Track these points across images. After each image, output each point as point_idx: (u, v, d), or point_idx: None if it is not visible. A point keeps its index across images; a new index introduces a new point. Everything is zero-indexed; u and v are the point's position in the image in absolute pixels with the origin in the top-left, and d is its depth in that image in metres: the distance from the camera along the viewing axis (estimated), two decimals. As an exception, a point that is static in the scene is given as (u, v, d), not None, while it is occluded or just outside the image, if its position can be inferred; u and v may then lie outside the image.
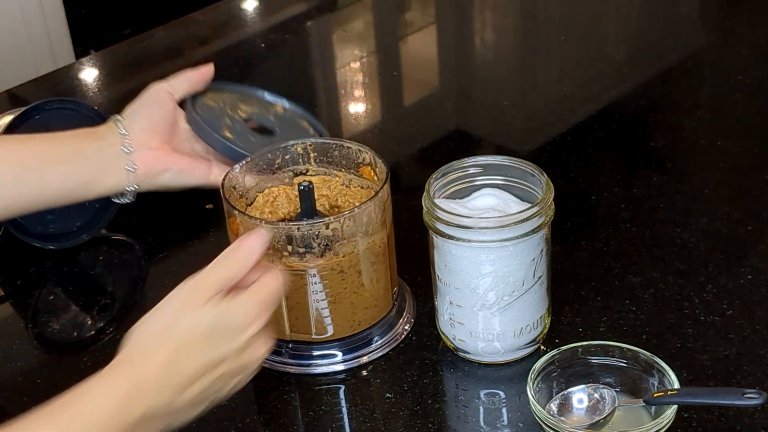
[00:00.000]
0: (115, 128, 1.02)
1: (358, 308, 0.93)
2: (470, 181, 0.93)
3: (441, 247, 0.89)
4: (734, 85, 1.35)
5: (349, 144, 0.99)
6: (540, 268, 0.89)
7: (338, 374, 0.94)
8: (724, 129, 1.26)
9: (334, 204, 0.98)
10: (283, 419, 0.90)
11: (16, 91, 1.47)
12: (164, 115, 1.04)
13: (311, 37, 1.63)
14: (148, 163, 1.01)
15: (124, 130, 1.01)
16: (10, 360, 0.99)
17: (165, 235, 1.14)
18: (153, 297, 1.06)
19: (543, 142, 1.27)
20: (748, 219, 1.09)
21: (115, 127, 1.02)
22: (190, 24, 1.65)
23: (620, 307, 0.98)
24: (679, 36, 1.52)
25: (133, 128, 1.02)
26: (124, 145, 1.01)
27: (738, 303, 0.97)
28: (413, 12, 1.70)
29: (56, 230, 1.10)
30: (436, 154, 1.27)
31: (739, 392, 0.80)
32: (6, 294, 1.09)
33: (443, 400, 0.90)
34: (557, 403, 0.85)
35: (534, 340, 0.93)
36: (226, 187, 0.94)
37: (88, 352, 0.99)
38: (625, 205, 1.13)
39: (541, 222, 0.87)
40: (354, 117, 1.40)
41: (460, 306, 0.90)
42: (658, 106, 1.34)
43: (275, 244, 0.89)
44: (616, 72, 1.43)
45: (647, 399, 0.84)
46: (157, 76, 1.09)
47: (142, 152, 1.01)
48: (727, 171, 1.18)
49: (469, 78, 1.49)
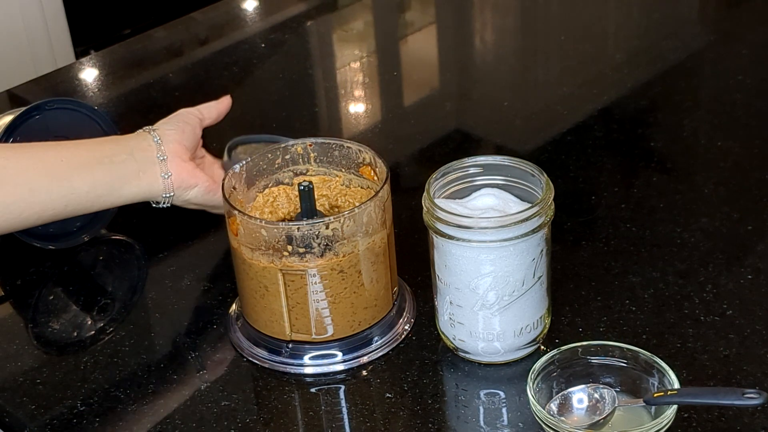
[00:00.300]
0: (149, 137, 1.03)
1: (358, 308, 0.93)
2: (470, 181, 0.93)
3: (441, 247, 0.89)
4: (734, 85, 1.35)
5: (349, 144, 0.99)
6: (540, 268, 0.89)
7: (338, 374, 0.94)
8: (724, 129, 1.26)
9: (334, 204, 0.98)
10: (283, 419, 0.90)
11: (16, 91, 1.47)
12: (194, 134, 1.07)
13: (311, 37, 1.63)
14: (182, 174, 1.03)
15: (158, 138, 1.03)
16: (10, 360, 0.99)
17: (165, 235, 1.14)
18: (153, 297, 1.07)
19: (543, 142, 1.27)
20: (748, 219, 1.09)
21: (148, 136, 1.03)
22: (190, 24, 1.65)
23: (620, 307, 0.98)
24: (679, 36, 1.52)
25: (167, 138, 1.04)
26: (159, 153, 1.02)
27: (738, 303, 0.97)
28: (413, 12, 1.70)
29: (56, 230, 1.10)
30: (436, 154, 1.27)
31: (739, 392, 0.80)
32: (6, 294, 1.09)
33: (443, 400, 0.90)
34: (557, 403, 0.85)
35: (534, 340, 0.93)
36: (226, 187, 0.94)
37: (88, 352, 0.99)
38: (625, 205, 1.13)
39: (541, 222, 0.87)
40: (354, 117, 1.40)
41: (460, 306, 0.90)
42: (658, 106, 1.34)
43: (275, 244, 0.89)
44: (616, 72, 1.43)
45: (647, 399, 0.84)
46: (157, 76, 1.10)
47: (176, 162, 1.03)
48: (727, 171, 1.18)
49: (469, 78, 1.49)
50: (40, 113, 1.09)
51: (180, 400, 0.92)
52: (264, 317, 0.94)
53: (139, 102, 1.42)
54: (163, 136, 1.04)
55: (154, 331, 1.02)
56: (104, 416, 0.91)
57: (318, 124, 1.37)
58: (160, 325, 1.03)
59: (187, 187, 1.04)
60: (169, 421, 0.90)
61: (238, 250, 0.93)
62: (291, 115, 1.36)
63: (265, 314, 0.94)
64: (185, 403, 0.92)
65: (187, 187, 1.04)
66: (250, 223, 0.90)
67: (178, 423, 0.90)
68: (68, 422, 0.91)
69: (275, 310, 0.93)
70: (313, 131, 1.32)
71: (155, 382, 0.94)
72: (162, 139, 1.03)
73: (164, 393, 0.93)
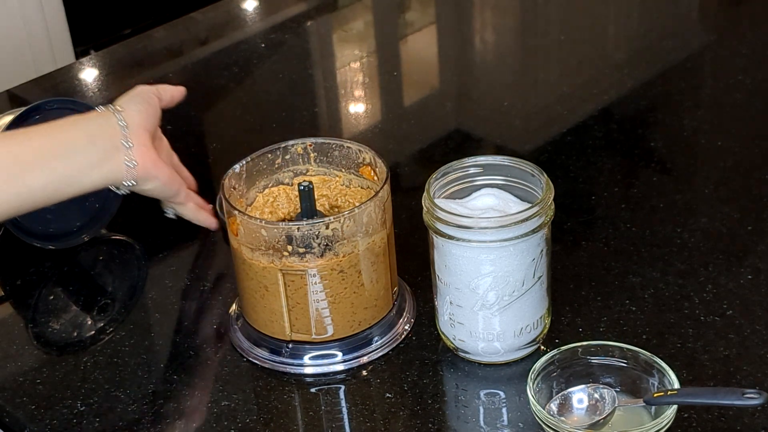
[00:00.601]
0: (113, 119, 0.97)
1: (358, 308, 0.93)
2: (470, 181, 0.93)
3: (441, 247, 0.89)
4: (734, 85, 1.35)
5: (349, 144, 0.99)
6: (540, 268, 0.89)
7: (338, 374, 0.94)
8: (724, 129, 1.26)
9: (334, 204, 0.98)
10: (283, 419, 0.90)
11: (16, 91, 1.47)
12: (156, 116, 1.02)
13: (311, 37, 1.63)
14: (147, 165, 0.98)
15: (123, 122, 0.97)
16: (10, 360, 0.99)
17: (165, 235, 1.13)
18: (153, 297, 1.07)
19: (543, 142, 1.27)
20: (748, 219, 1.09)
21: (113, 118, 0.97)
22: (190, 24, 1.65)
23: (620, 307, 0.98)
24: (679, 36, 1.52)
25: (134, 122, 0.98)
26: (125, 139, 0.96)
27: (738, 303, 0.97)
28: (413, 12, 1.70)
29: (56, 230, 1.10)
30: (436, 154, 1.27)
31: (739, 392, 0.80)
32: (6, 294, 1.09)
33: (443, 400, 0.90)
34: (557, 403, 0.85)
35: (534, 340, 0.93)
36: (226, 187, 0.94)
37: (88, 352, 0.99)
38: (625, 205, 1.13)
39: (541, 222, 0.87)
40: (354, 117, 1.40)
41: (460, 306, 0.90)
42: (658, 106, 1.34)
43: (275, 244, 0.89)
44: (616, 72, 1.43)
45: (647, 399, 0.84)
46: (157, 76, 1.09)
47: (142, 150, 0.97)
48: (727, 171, 1.18)
49: (469, 78, 1.49)
50: (40, 113, 1.09)
51: (180, 400, 0.92)
52: (264, 317, 0.94)
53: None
54: (129, 120, 0.97)
55: (154, 331, 1.02)
56: (104, 416, 0.91)
57: (318, 124, 1.37)
58: (160, 325, 1.03)
59: (151, 178, 0.99)
60: (169, 421, 0.90)
61: (238, 250, 0.93)
62: (291, 115, 1.36)
63: (265, 314, 0.94)
64: (185, 403, 0.92)
65: (150, 178, 0.99)
66: (250, 223, 0.90)
67: (178, 423, 0.90)
68: (68, 422, 0.91)
69: (275, 310, 0.93)
70: (313, 131, 1.32)
71: (155, 382, 0.94)
72: (128, 124, 0.97)
73: (164, 393, 0.93)
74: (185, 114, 1.38)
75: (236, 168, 0.97)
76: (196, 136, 1.36)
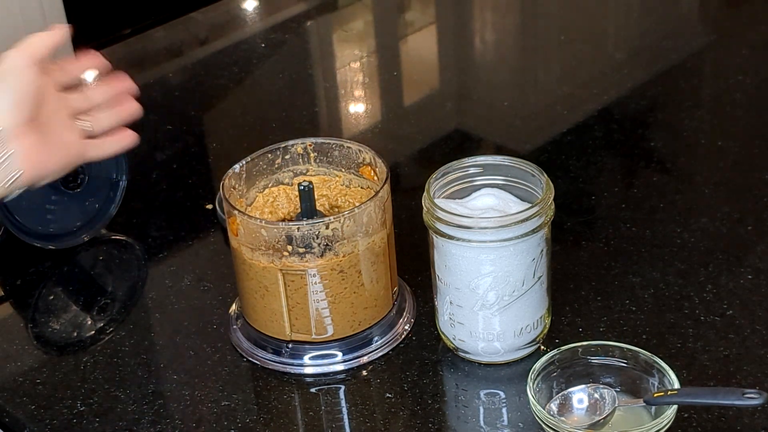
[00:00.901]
0: None
1: (358, 308, 0.93)
2: (470, 181, 0.93)
3: (441, 247, 0.89)
4: (734, 85, 1.35)
5: (349, 144, 0.99)
6: (540, 268, 0.89)
7: (338, 374, 0.94)
8: (724, 129, 1.26)
9: (334, 204, 0.98)
10: (283, 419, 0.90)
11: (16, 91, 1.46)
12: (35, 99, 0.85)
13: (311, 37, 1.63)
14: (36, 169, 0.85)
15: None
16: (10, 360, 0.99)
17: (165, 235, 1.14)
18: (153, 297, 1.07)
19: (543, 142, 1.27)
20: (748, 219, 1.09)
21: None
22: (190, 24, 1.65)
23: (620, 307, 0.98)
24: (679, 36, 1.52)
25: (10, 130, 0.82)
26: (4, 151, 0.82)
27: (738, 303, 0.97)
28: (413, 12, 1.70)
29: (56, 230, 1.10)
30: (436, 154, 1.27)
31: (739, 392, 0.80)
32: (6, 294, 1.09)
33: (443, 400, 0.90)
34: (557, 403, 0.85)
35: (534, 340, 0.93)
36: (226, 187, 0.94)
37: (88, 352, 0.99)
38: (625, 205, 1.13)
39: (541, 222, 0.87)
40: (354, 117, 1.40)
41: (460, 306, 0.90)
42: (658, 106, 1.34)
43: (275, 244, 0.89)
44: (616, 72, 1.43)
45: (647, 399, 0.84)
46: (157, 76, 1.09)
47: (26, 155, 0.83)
48: (727, 171, 1.18)
49: (469, 78, 1.49)
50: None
51: (180, 400, 0.92)
52: (264, 317, 0.94)
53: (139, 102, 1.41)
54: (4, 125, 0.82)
55: (154, 331, 1.02)
56: (104, 416, 0.91)
57: (318, 124, 1.37)
58: (160, 325, 1.03)
59: (42, 178, 0.86)
60: (169, 421, 0.90)
61: (238, 250, 0.93)
62: (291, 115, 1.36)
63: (265, 314, 0.94)
64: (185, 403, 0.92)
65: (41, 178, 0.86)
66: (250, 223, 0.90)
67: (178, 423, 0.90)
68: (68, 422, 0.91)
69: (275, 310, 0.93)
70: (313, 131, 1.32)
71: (155, 382, 0.94)
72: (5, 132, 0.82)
73: (164, 393, 0.93)
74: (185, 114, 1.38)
75: (236, 168, 0.97)
76: (196, 136, 1.36)
